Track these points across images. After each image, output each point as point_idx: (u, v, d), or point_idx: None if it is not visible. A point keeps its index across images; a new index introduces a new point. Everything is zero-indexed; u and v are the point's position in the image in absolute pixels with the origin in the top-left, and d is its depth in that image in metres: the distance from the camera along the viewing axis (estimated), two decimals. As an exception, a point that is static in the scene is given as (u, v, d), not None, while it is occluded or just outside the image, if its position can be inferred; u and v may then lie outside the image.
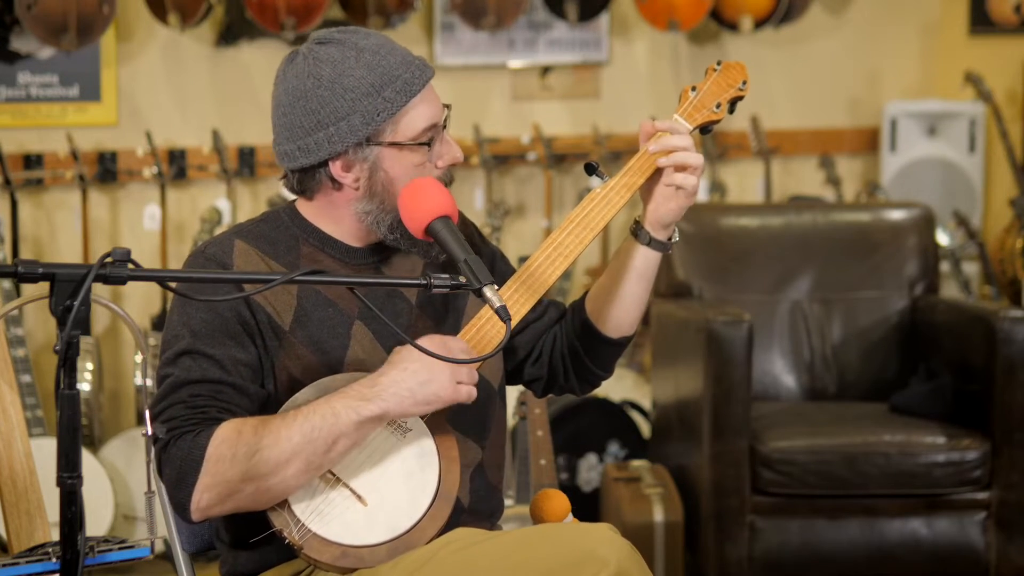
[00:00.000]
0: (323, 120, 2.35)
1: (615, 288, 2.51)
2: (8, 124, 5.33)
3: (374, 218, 2.40)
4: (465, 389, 2.31)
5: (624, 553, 2.20)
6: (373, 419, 2.27)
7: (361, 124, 2.34)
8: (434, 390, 2.28)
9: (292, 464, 2.25)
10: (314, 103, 2.35)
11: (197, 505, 2.26)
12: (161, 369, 2.35)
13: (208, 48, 5.53)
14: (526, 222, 5.89)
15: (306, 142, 2.36)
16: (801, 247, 5.00)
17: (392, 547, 2.29)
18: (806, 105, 6.16)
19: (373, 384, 2.28)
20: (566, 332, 2.59)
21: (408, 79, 2.36)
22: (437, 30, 5.75)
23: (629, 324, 2.55)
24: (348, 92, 2.34)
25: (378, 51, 2.36)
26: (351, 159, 2.37)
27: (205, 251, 2.41)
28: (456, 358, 2.29)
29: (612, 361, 2.61)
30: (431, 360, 2.27)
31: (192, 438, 2.26)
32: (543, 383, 2.63)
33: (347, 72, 2.34)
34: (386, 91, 2.34)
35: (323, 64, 2.35)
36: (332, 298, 2.40)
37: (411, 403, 2.28)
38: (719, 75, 2.53)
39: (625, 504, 4.56)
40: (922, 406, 4.61)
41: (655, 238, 2.47)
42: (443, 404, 2.31)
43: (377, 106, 2.34)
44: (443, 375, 2.28)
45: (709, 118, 2.50)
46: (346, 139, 2.35)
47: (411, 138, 2.37)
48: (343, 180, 2.38)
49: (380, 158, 2.37)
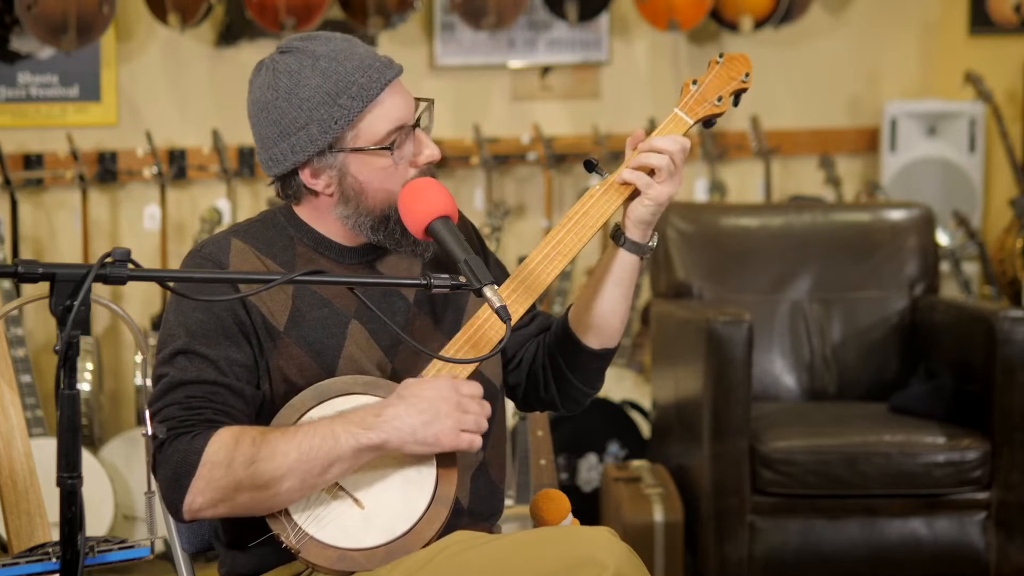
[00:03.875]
0: (284, 130, 2.36)
1: (594, 295, 2.50)
2: (8, 124, 5.33)
3: (354, 221, 2.40)
4: (467, 437, 2.29)
5: (623, 557, 2.20)
6: (371, 448, 2.27)
7: (319, 133, 2.34)
8: (435, 432, 2.27)
9: (286, 480, 2.25)
10: (275, 114, 2.36)
11: (189, 507, 2.27)
12: (157, 368, 2.35)
13: (208, 48, 5.53)
14: (526, 222, 5.89)
15: (273, 152, 2.38)
16: (801, 247, 5.00)
17: (389, 550, 2.29)
18: (806, 105, 6.16)
19: (378, 413, 2.27)
20: (548, 344, 2.57)
21: (364, 84, 2.35)
22: (437, 30, 5.75)
23: (609, 334, 2.52)
24: (304, 102, 2.34)
25: (335, 57, 2.35)
26: (317, 167, 2.37)
27: (202, 251, 2.41)
28: (455, 358, 2.29)
29: (595, 375, 2.57)
30: (440, 400, 2.26)
31: (188, 440, 2.26)
32: (521, 391, 2.61)
33: (303, 82, 2.34)
34: (341, 98, 2.34)
35: (280, 75, 2.36)
36: (328, 297, 2.40)
37: (411, 440, 2.27)
38: (721, 67, 2.49)
39: (625, 504, 4.55)
40: (922, 406, 4.61)
41: (630, 239, 2.44)
42: (443, 449, 2.29)
43: (333, 114, 2.34)
44: (448, 420, 2.27)
45: (711, 111, 2.47)
46: (307, 148, 2.35)
47: (374, 142, 2.36)
48: (315, 187, 2.39)
49: (346, 164, 2.37)
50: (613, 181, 2.44)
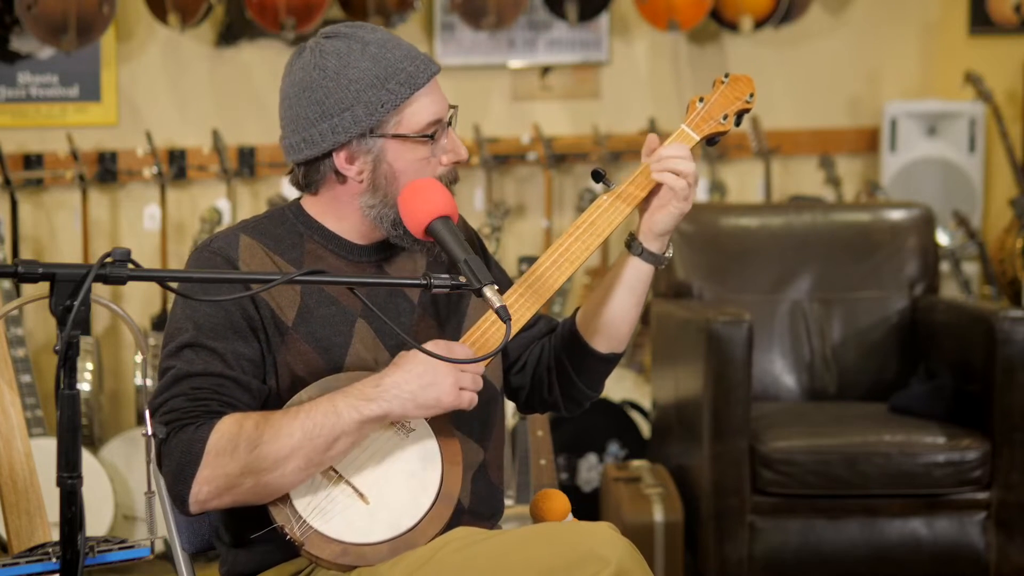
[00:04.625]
0: (327, 110, 2.36)
1: (605, 300, 2.51)
2: (8, 124, 5.33)
3: (378, 212, 2.40)
4: (467, 395, 2.31)
5: (625, 552, 2.20)
6: (374, 419, 2.28)
7: (364, 115, 2.35)
8: (436, 394, 2.28)
9: (292, 460, 2.25)
10: (319, 94, 2.36)
11: (196, 498, 2.27)
12: (163, 362, 2.35)
13: (208, 48, 5.53)
14: (526, 222, 5.89)
15: (311, 133, 2.37)
16: (801, 247, 5.00)
17: (393, 546, 2.29)
18: (806, 105, 6.16)
19: (376, 384, 2.28)
20: (554, 346, 2.59)
21: (412, 72, 2.38)
22: (437, 30, 5.75)
23: (618, 340, 2.54)
24: (352, 83, 2.35)
25: (384, 44, 2.38)
26: (355, 151, 2.38)
27: (211, 244, 2.41)
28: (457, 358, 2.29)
29: (599, 379, 2.59)
30: (435, 364, 2.27)
31: (193, 431, 2.27)
32: (525, 394, 2.62)
33: (352, 64, 2.36)
34: (390, 83, 2.36)
35: (328, 56, 2.37)
36: (335, 296, 2.41)
37: (413, 405, 2.29)
38: (727, 87, 2.54)
39: (625, 504, 4.56)
40: (922, 406, 4.61)
41: (647, 249, 2.48)
42: (444, 409, 2.31)
43: (381, 97, 2.35)
44: (446, 380, 2.29)
45: (716, 129, 2.52)
46: (350, 130, 2.36)
47: (415, 131, 2.39)
48: (347, 172, 2.39)
49: (384, 150, 2.38)
50: (621, 192, 2.47)
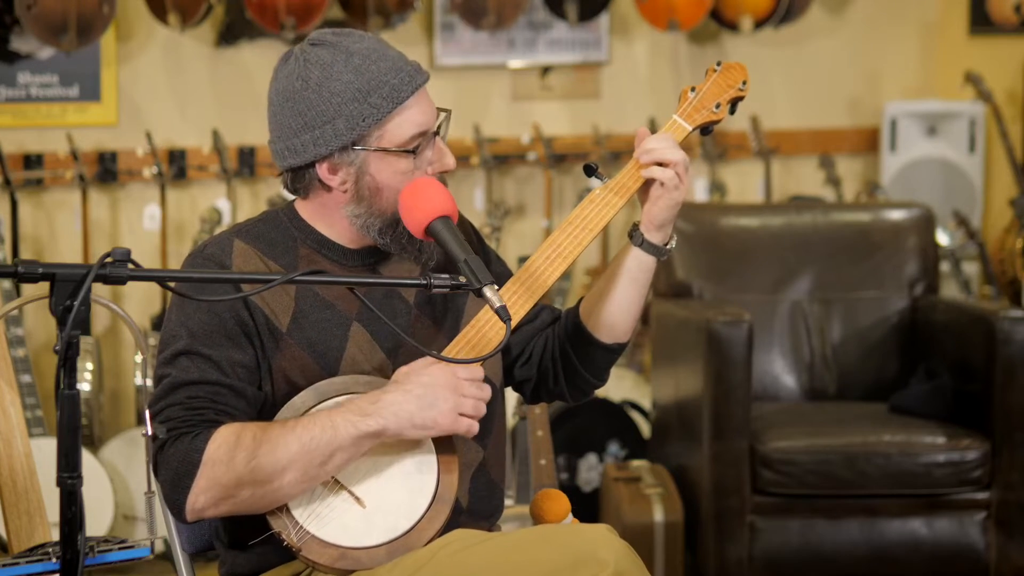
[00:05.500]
0: (309, 122, 2.34)
1: (608, 291, 2.51)
2: (8, 124, 5.33)
3: (363, 221, 2.39)
4: (466, 422, 2.30)
5: (623, 554, 2.20)
6: (371, 435, 2.27)
7: (346, 128, 2.34)
8: (433, 416, 2.28)
9: (288, 473, 2.25)
10: (301, 105, 2.35)
11: (192, 507, 2.27)
12: (159, 369, 2.35)
13: (208, 48, 5.53)
14: (526, 222, 5.89)
15: (293, 143, 2.37)
16: (801, 247, 5.00)
17: (390, 549, 2.29)
18: (806, 105, 6.16)
19: (375, 400, 2.28)
20: (558, 336, 2.58)
21: (396, 85, 2.35)
22: (437, 30, 5.75)
23: (622, 330, 2.54)
24: (335, 96, 2.33)
25: (369, 55, 2.35)
26: (337, 162, 2.37)
27: (204, 251, 2.41)
28: (455, 358, 2.29)
29: (604, 368, 2.59)
30: (436, 387, 2.27)
31: (190, 440, 2.26)
32: (532, 385, 2.62)
33: (335, 76, 2.33)
34: (372, 96, 2.34)
35: (312, 67, 2.35)
36: (330, 299, 2.40)
37: (409, 425, 2.28)
38: (719, 75, 2.52)
39: (625, 504, 4.56)
40: (922, 406, 4.61)
41: (648, 240, 2.46)
42: (441, 432, 2.30)
43: (363, 111, 2.33)
44: (446, 404, 2.28)
45: (709, 118, 2.50)
46: (331, 143, 2.34)
47: (398, 145, 2.36)
48: (330, 183, 2.38)
49: (366, 163, 2.36)
50: (614, 185, 2.46)
